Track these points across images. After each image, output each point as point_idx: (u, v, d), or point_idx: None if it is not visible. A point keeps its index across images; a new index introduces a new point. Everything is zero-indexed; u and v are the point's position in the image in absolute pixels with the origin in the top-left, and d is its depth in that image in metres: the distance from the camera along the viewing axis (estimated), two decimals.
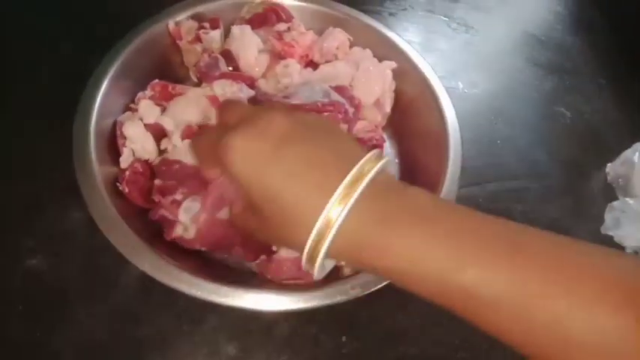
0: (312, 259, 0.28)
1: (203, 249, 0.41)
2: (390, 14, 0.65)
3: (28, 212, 0.44)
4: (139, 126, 0.43)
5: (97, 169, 0.40)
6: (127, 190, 0.41)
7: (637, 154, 0.54)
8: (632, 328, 0.22)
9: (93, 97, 0.42)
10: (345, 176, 0.26)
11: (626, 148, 0.55)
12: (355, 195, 0.26)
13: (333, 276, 0.41)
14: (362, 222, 0.26)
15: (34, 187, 0.45)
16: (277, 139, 0.28)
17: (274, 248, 0.41)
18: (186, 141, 0.43)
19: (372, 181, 0.27)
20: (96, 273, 0.42)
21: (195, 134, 0.43)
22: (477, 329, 0.44)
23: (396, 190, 0.28)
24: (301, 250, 0.28)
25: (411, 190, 0.28)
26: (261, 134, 0.28)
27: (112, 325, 0.40)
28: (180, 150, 0.43)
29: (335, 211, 0.26)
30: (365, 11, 0.54)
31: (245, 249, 0.40)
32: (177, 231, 0.39)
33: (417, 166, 0.49)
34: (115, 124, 0.43)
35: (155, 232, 0.41)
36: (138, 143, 0.43)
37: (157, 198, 0.41)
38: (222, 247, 0.41)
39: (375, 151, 0.29)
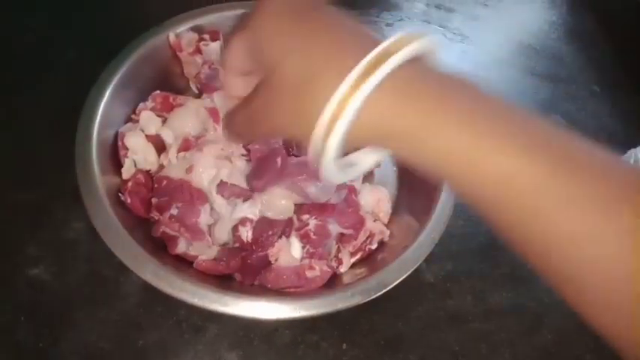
0: (325, 137, 0.24)
1: None
2: (387, 25, 0.66)
3: (30, 221, 0.44)
4: (140, 137, 0.43)
5: (100, 179, 0.40)
6: (129, 200, 0.41)
7: (632, 160, 0.54)
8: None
9: (95, 107, 0.43)
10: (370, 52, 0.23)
11: (621, 155, 0.56)
12: (382, 70, 0.23)
13: (333, 284, 0.42)
14: (392, 105, 0.23)
15: (37, 196, 0.45)
16: (306, 8, 0.27)
17: (272, 260, 0.41)
18: (182, 154, 0.43)
19: (409, 62, 0.23)
20: (98, 282, 0.42)
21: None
22: (476, 335, 0.44)
23: (434, 77, 0.24)
24: (312, 132, 0.24)
25: (454, 78, 0.25)
26: (291, 2, 0.27)
27: (114, 334, 0.40)
28: (174, 166, 0.43)
29: (357, 85, 0.23)
30: (362, 22, 0.55)
31: (243, 274, 0.41)
32: (181, 247, 0.40)
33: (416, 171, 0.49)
34: (116, 134, 0.44)
35: (156, 242, 0.41)
36: (139, 154, 0.43)
37: (155, 216, 0.42)
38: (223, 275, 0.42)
39: (415, 31, 0.25)
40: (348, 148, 0.25)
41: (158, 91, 0.47)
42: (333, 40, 0.25)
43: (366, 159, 0.28)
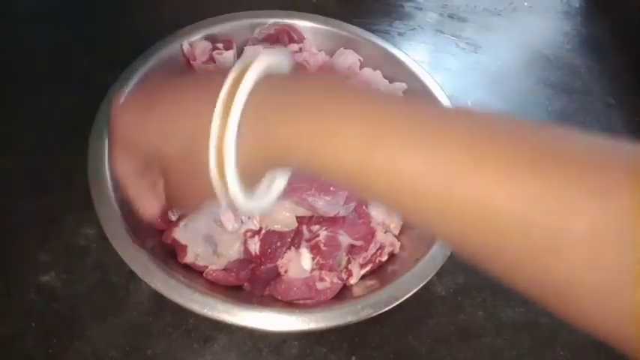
0: (224, 185, 0.25)
1: None
2: (399, 34, 0.66)
3: (42, 228, 0.44)
4: None
5: (111, 187, 0.40)
6: None
7: None
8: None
9: (108, 115, 0.43)
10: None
11: None
12: (239, 97, 0.24)
13: (343, 296, 0.41)
14: (260, 126, 0.24)
15: (48, 203, 0.45)
16: (147, 98, 0.29)
17: (281, 271, 0.41)
18: None
19: (262, 81, 0.25)
20: (108, 290, 0.42)
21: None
22: (488, 351, 0.44)
23: (293, 83, 0.26)
24: (210, 180, 0.25)
25: (312, 77, 0.26)
26: (134, 100, 0.30)
27: (123, 342, 0.40)
28: None
29: (224, 123, 0.24)
30: (375, 31, 0.55)
31: (252, 285, 0.40)
32: (189, 258, 0.40)
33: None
34: None
35: (167, 251, 0.41)
36: None
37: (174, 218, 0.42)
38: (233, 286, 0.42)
39: (251, 51, 0.27)
40: (250, 179, 0.26)
41: None
42: (185, 103, 0.27)
43: (277, 180, 0.29)
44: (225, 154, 0.24)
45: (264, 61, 0.25)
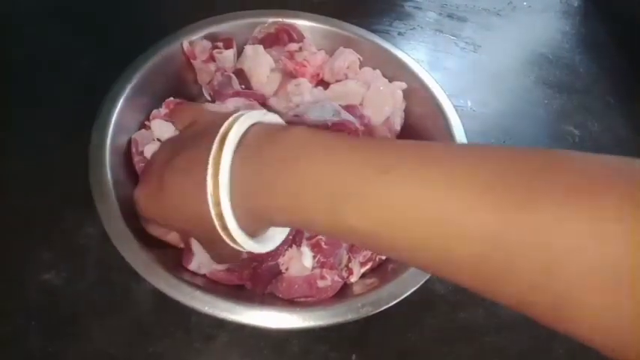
0: (233, 241, 0.30)
1: None
2: (399, 34, 0.66)
3: (43, 227, 0.44)
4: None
5: (112, 185, 0.40)
6: None
7: None
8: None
9: (109, 113, 0.43)
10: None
11: None
12: (224, 159, 0.28)
13: (344, 294, 0.41)
14: (244, 188, 0.28)
15: (49, 201, 0.45)
16: (157, 180, 0.34)
17: (282, 269, 0.41)
18: None
19: (245, 137, 0.29)
20: (109, 288, 0.42)
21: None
22: (488, 349, 0.44)
23: (271, 137, 0.29)
24: (218, 233, 0.30)
25: (286, 131, 0.29)
26: (147, 182, 0.36)
27: (124, 341, 0.40)
28: None
29: (217, 182, 0.28)
30: (374, 31, 0.55)
31: (254, 283, 0.41)
32: (193, 266, 0.40)
33: None
34: (130, 141, 0.44)
35: (167, 249, 0.41)
36: None
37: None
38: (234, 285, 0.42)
39: (235, 115, 0.30)
40: (255, 233, 0.31)
41: (171, 98, 0.47)
42: (183, 178, 0.31)
43: (277, 233, 0.34)
44: (224, 216, 0.28)
45: (245, 122, 0.29)
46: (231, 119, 0.30)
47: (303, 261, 0.40)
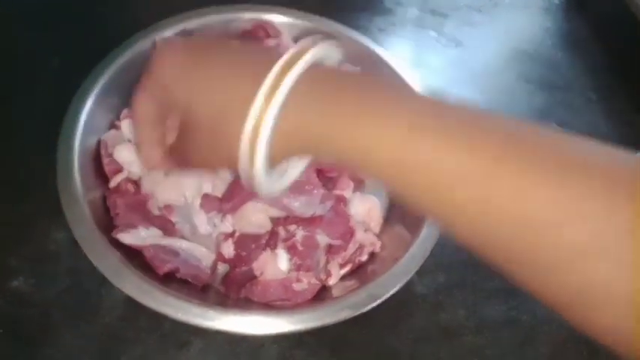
0: (251, 161, 0.25)
1: None
2: (380, 30, 0.65)
3: (11, 232, 0.43)
4: (129, 149, 0.42)
5: (81, 189, 0.39)
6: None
7: None
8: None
9: (77, 115, 0.42)
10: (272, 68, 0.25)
11: None
12: (288, 81, 0.24)
13: (322, 297, 0.41)
14: (302, 112, 0.25)
15: (17, 206, 0.44)
16: (201, 50, 0.29)
17: (257, 273, 0.40)
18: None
19: (309, 68, 0.25)
20: (80, 295, 0.41)
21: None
22: (469, 349, 0.43)
23: (339, 75, 0.26)
24: (237, 159, 0.26)
25: (358, 74, 0.27)
26: (185, 47, 0.30)
27: (96, 349, 0.39)
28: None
29: (267, 103, 0.24)
30: (354, 27, 0.54)
31: (227, 287, 0.39)
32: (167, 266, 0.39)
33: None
34: (99, 142, 0.43)
35: (139, 254, 0.40)
36: (133, 166, 0.42)
37: None
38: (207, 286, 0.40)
39: (308, 39, 0.27)
40: (274, 162, 0.27)
41: None
42: (233, 71, 0.27)
43: (294, 166, 0.29)
44: (259, 135, 0.24)
45: (316, 53, 0.25)
46: (306, 45, 0.26)
47: (278, 264, 0.39)
